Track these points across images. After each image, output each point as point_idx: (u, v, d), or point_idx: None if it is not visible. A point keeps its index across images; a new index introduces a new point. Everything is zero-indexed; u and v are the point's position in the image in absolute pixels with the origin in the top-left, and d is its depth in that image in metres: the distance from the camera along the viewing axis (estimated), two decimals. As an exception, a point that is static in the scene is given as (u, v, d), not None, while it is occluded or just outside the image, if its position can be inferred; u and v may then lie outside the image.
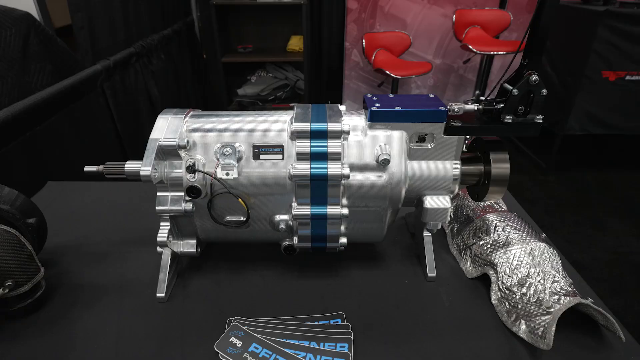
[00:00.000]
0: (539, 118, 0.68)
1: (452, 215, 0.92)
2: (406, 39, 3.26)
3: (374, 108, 0.67)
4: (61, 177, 1.17)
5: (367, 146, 0.68)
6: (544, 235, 0.79)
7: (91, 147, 1.72)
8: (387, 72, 2.90)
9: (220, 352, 0.62)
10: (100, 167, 0.73)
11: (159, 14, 2.61)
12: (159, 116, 0.70)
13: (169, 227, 0.71)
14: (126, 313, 0.70)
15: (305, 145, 0.66)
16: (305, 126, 0.66)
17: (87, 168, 0.74)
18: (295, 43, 3.43)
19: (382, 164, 0.67)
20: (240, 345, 0.64)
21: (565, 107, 2.69)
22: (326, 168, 0.66)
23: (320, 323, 0.68)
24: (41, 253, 0.81)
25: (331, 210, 0.69)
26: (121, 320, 0.69)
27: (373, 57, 3.09)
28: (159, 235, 0.70)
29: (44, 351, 0.63)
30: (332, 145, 0.66)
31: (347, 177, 0.66)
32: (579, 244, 2.23)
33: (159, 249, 0.74)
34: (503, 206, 0.91)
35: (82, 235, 0.90)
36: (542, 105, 0.67)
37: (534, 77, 0.65)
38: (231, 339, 0.64)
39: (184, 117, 0.70)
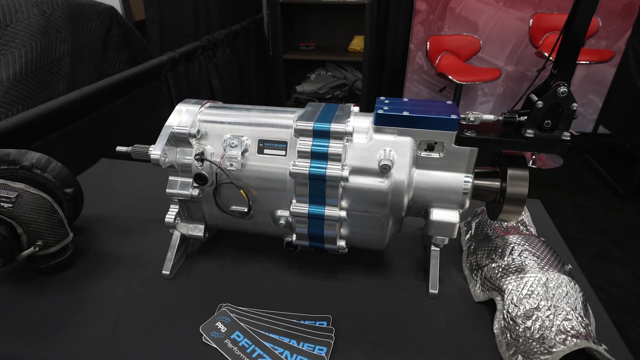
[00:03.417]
0: (566, 135, 0.61)
1: (472, 232, 0.86)
2: (475, 42, 3.09)
3: (380, 111, 0.65)
4: (117, 156, 1.29)
5: (370, 150, 0.66)
6: (569, 267, 0.70)
7: (150, 131, 1.87)
8: (450, 77, 2.77)
9: (204, 334, 0.65)
10: (129, 149, 0.80)
11: (229, 10, 2.75)
12: (177, 105, 0.74)
13: (177, 210, 0.75)
14: (134, 284, 0.76)
15: (307, 144, 0.66)
16: (309, 125, 0.66)
17: (118, 148, 0.82)
18: (358, 43, 3.42)
19: (383, 170, 0.64)
20: (224, 330, 0.66)
21: (655, 128, 2.36)
22: (325, 168, 0.65)
23: (306, 323, 0.68)
24: (78, 220, 0.90)
25: (329, 211, 0.68)
26: (128, 290, 0.75)
27: (437, 61, 2.97)
28: (167, 216, 0.75)
29: (58, 307, 0.71)
30: (334, 146, 0.65)
31: (346, 179, 0.65)
32: (651, 284, 1.94)
33: (170, 230, 0.78)
34: (531, 229, 0.83)
35: (116, 208, 0.99)
36: (571, 121, 0.60)
37: (563, 89, 0.58)
38: (217, 324, 0.67)
39: (200, 108, 0.73)
